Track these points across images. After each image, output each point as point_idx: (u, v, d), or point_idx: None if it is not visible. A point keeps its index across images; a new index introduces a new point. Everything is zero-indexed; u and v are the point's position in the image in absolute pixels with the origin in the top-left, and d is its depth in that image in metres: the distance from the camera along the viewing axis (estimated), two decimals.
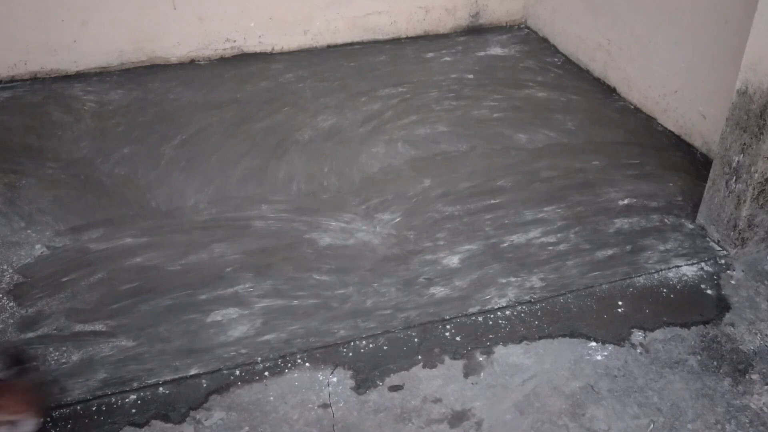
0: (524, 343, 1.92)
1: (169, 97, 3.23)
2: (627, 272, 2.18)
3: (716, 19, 2.62)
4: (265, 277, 2.13)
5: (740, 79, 2.10)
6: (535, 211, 2.45)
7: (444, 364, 1.85)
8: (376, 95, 3.25)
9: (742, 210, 2.17)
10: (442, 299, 2.06)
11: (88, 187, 2.55)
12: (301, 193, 2.56)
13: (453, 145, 2.85)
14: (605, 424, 1.69)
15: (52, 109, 3.11)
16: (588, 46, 3.49)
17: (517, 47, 3.81)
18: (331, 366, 1.83)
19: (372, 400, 1.74)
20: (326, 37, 3.80)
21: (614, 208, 2.47)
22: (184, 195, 2.53)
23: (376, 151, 2.82)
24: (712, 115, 2.74)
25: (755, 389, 1.79)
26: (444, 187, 2.58)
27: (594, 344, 1.92)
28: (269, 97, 3.23)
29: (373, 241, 2.30)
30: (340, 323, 1.97)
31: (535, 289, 2.11)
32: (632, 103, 3.20)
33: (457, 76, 3.45)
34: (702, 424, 1.69)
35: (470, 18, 4.01)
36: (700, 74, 2.77)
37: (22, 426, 1.54)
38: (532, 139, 2.90)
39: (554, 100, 3.23)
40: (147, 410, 1.70)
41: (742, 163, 2.13)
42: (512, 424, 1.68)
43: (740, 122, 2.11)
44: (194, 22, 3.52)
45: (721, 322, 2.00)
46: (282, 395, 1.75)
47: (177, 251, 2.24)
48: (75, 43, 3.38)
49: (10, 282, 2.10)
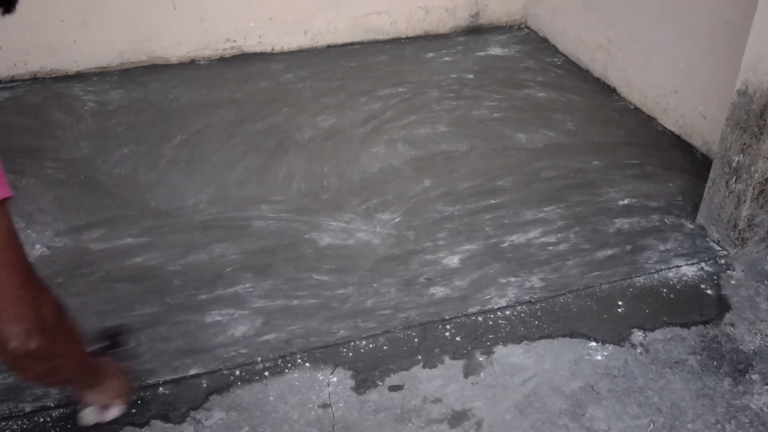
0: (524, 343, 1.92)
1: (169, 97, 3.23)
2: (627, 272, 2.18)
3: (716, 19, 2.62)
4: (265, 277, 2.13)
5: (740, 79, 2.10)
6: (535, 211, 2.45)
7: (444, 364, 1.85)
8: (376, 95, 3.25)
9: (742, 210, 2.17)
10: (442, 299, 2.06)
11: (88, 187, 2.55)
12: (301, 193, 2.56)
13: (453, 145, 2.85)
14: (605, 424, 1.69)
15: (52, 109, 3.11)
16: (588, 46, 3.49)
17: (517, 47, 3.81)
18: (331, 366, 1.84)
19: (372, 400, 1.74)
20: (326, 37, 3.80)
21: (614, 208, 2.47)
22: (184, 195, 2.53)
23: (376, 151, 2.82)
24: (712, 115, 2.74)
25: (755, 389, 1.79)
26: (444, 187, 2.58)
27: (594, 344, 1.92)
28: (269, 97, 3.23)
29: (373, 241, 2.30)
30: (340, 323, 1.97)
31: (535, 289, 2.11)
32: (632, 103, 3.20)
33: (457, 76, 3.45)
34: (702, 424, 1.70)
35: (470, 18, 4.01)
36: (700, 74, 2.78)
37: (112, 411, 1.57)
38: (532, 139, 2.91)
39: (554, 100, 3.23)
40: (147, 410, 1.70)
41: (742, 163, 2.13)
42: (512, 424, 1.68)
43: (740, 122, 2.11)
44: (194, 22, 3.52)
45: (721, 322, 2.00)
46: (282, 395, 1.75)
47: (177, 251, 2.24)
48: (75, 43, 3.38)
49: None
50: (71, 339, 1.21)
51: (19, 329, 1.04)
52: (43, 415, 1.69)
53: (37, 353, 1.08)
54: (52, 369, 1.18)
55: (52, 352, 1.13)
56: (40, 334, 1.07)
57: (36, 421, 1.67)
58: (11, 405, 1.71)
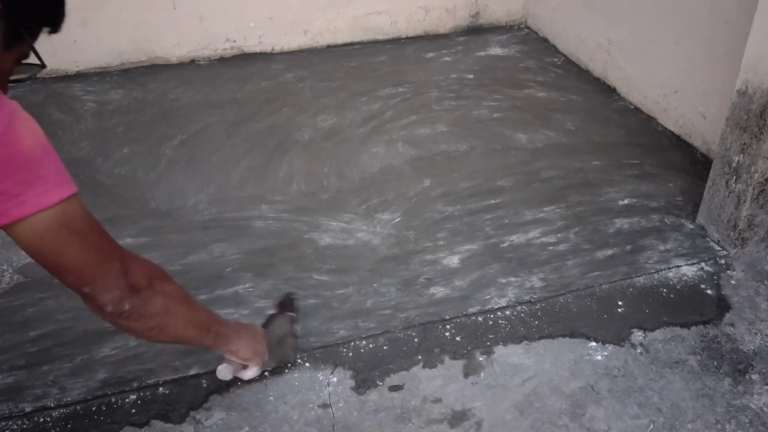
0: (524, 343, 1.92)
1: (169, 97, 3.23)
2: (627, 272, 2.18)
3: (716, 19, 2.62)
4: (265, 277, 2.13)
5: (740, 79, 2.10)
6: (535, 211, 2.45)
7: (444, 364, 1.85)
8: (376, 95, 3.25)
9: (742, 210, 2.17)
10: (442, 299, 2.06)
11: (88, 187, 2.55)
12: (301, 193, 2.56)
13: (453, 145, 2.85)
14: (605, 424, 1.69)
15: (52, 109, 3.11)
16: (588, 46, 3.49)
17: (517, 47, 3.81)
18: (331, 366, 1.83)
19: (372, 400, 1.74)
20: (326, 37, 3.80)
21: (614, 208, 2.47)
22: (184, 195, 2.53)
23: (376, 151, 2.82)
24: (712, 115, 2.74)
25: (755, 389, 1.79)
26: (444, 187, 2.58)
27: (594, 344, 1.92)
28: (269, 97, 3.23)
29: (373, 241, 2.30)
30: (340, 323, 1.97)
31: (535, 289, 2.11)
32: (632, 103, 3.21)
33: (457, 76, 3.45)
34: (702, 424, 1.69)
35: (470, 18, 4.01)
36: (700, 74, 2.77)
37: (248, 372, 1.69)
38: (532, 139, 2.91)
39: (554, 100, 3.23)
40: (147, 410, 1.70)
41: (742, 163, 2.13)
42: (512, 424, 1.68)
43: (740, 122, 2.11)
44: (194, 22, 3.52)
45: (721, 322, 2.00)
46: (282, 395, 1.75)
47: (177, 251, 2.24)
48: (75, 43, 3.38)
49: (10, 282, 2.10)
50: (172, 298, 1.36)
51: (112, 296, 1.21)
52: (43, 415, 1.68)
53: (133, 313, 1.25)
54: (156, 326, 1.33)
55: (149, 311, 1.29)
56: (132, 297, 1.24)
57: (36, 421, 1.67)
58: (11, 405, 1.71)
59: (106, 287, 1.20)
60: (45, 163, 1.05)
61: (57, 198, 1.07)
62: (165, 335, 1.39)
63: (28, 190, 1.03)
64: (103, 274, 1.19)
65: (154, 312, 1.30)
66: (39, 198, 1.05)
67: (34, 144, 1.03)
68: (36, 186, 1.04)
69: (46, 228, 1.08)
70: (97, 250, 1.18)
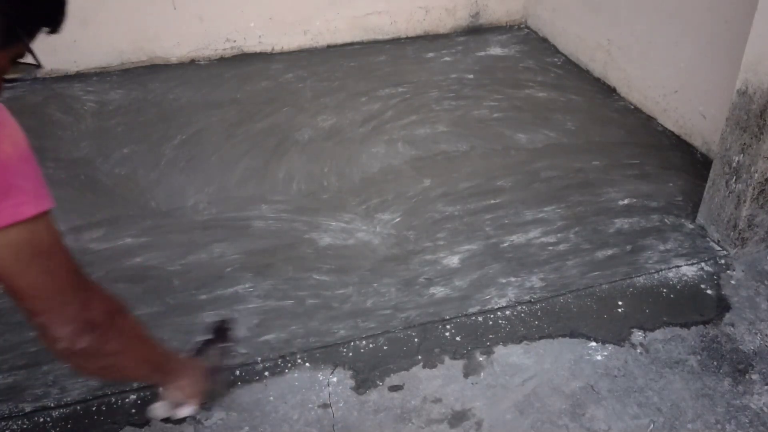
0: (524, 343, 1.92)
1: (169, 97, 3.23)
2: (627, 272, 2.18)
3: (716, 19, 2.62)
4: (265, 277, 2.13)
5: (740, 79, 2.10)
6: (535, 211, 2.45)
7: (444, 364, 1.85)
8: (376, 95, 3.25)
9: (742, 210, 2.17)
10: (442, 299, 2.06)
11: (88, 187, 2.55)
12: (301, 193, 2.56)
13: (453, 145, 2.85)
14: (605, 424, 1.69)
15: (52, 109, 3.11)
16: (588, 46, 3.49)
17: (517, 47, 3.81)
18: (331, 366, 1.83)
19: (372, 400, 1.74)
20: (326, 37, 3.80)
21: (614, 208, 2.47)
22: (184, 195, 2.53)
23: (376, 151, 2.82)
24: (712, 115, 2.74)
25: (755, 389, 1.79)
26: (444, 187, 2.58)
27: (594, 344, 1.91)
28: (269, 97, 3.23)
29: (373, 241, 2.30)
30: (340, 323, 1.97)
31: (535, 289, 2.11)
32: (632, 103, 3.20)
33: (457, 76, 3.45)
34: (702, 424, 1.69)
35: (470, 18, 4.01)
36: (700, 74, 2.78)
37: (183, 409, 1.54)
38: (532, 139, 2.91)
39: (554, 100, 3.23)
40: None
41: (742, 163, 2.13)
42: (512, 424, 1.68)
43: (740, 122, 2.11)
44: (194, 22, 3.52)
45: (721, 322, 2.00)
46: (282, 395, 1.75)
47: (177, 251, 2.24)
48: (75, 43, 3.38)
49: None
50: (129, 337, 1.23)
51: (67, 330, 1.08)
52: (43, 415, 1.69)
53: (86, 352, 1.12)
54: (108, 366, 1.21)
55: (104, 350, 1.16)
56: (88, 334, 1.11)
57: (36, 421, 1.67)
58: (11, 405, 1.71)
59: (62, 320, 1.07)
60: (23, 173, 0.97)
61: (35, 210, 0.99)
62: (115, 375, 1.30)
63: (3, 200, 0.95)
64: (61, 305, 1.07)
65: (110, 352, 1.18)
66: (16, 209, 0.97)
67: (12, 152, 0.95)
68: (11, 196, 0.96)
69: (9, 242, 0.98)
70: (59, 277, 1.06)
